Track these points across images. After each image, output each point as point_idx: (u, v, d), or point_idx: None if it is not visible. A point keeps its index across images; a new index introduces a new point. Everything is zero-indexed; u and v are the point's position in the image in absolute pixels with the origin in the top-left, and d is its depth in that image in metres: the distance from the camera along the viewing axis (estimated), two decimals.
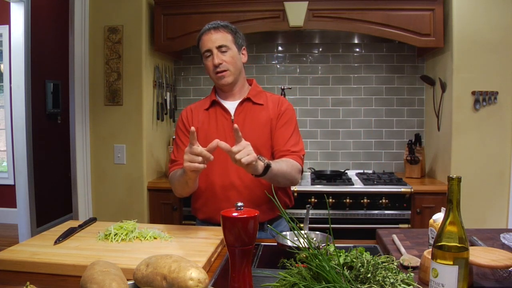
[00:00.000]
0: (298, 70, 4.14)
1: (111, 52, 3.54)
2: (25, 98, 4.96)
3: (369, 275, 1.15)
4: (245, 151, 1.74)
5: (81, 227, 1.93)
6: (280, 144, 2.20)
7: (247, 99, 2.25)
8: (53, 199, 5.54)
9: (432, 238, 1.61)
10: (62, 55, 5.03)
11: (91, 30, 3.56)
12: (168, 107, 3.92)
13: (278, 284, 1.18)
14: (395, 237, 1.79)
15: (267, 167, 1.89)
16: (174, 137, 2.43)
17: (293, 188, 3.23)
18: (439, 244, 1.15)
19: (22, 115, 4.97)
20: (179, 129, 2.31)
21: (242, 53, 2.26)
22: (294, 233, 1.32)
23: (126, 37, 3.53)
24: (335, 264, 1.17)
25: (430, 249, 1.29)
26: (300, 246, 1.24)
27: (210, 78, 2.26)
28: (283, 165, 2.04)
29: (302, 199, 3.27)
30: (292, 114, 2.29)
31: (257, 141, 2.13)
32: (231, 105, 2.25)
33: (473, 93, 3.26)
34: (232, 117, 2.22)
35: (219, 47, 2.15)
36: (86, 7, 3.51)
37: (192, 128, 1.74)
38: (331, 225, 1.30)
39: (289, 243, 1.62)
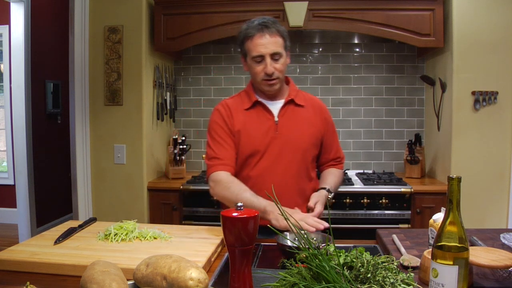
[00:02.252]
0: (298, 70, 4.14)
1: (111, 52, 3.54)
2: (25, 98, 4.96)
3: (369, 275, 1.15)
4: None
5: (81, 227, 1.93)
6: (328, 153, 2.33)
7: (290, 101, 2.20)
8: (53, 199, 5.53)
9: (432, 238, 1.61)
10: (62, 55, 5.03)
11: (91, 30, 3.56)
12: (168, 107, 3.92)
13: (278, 284, 1.18)
14: (395, 237, 1.79)
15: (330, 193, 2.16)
16: (206, 134, 2.38)
17: None
18: (439, 244, 1.15)
19: (22, 115, 4.96)
20: (219, 126, 2.22)
21: (287, 54, 2.17)
22: (300, 233, 1.32)
23: (126, 37, 3.53)
24: (335, 264, 1.17)
25: (430, 249, 1.29)
26: (300, 246, 1.24)
27: (253, 80, 2.19)
28: (335, 180, 2.28)
29: None
30: (331, 118, 2.36)
31: (302, 144, 2.17)
32: (273, 106, 2.19)
33: (473, 93, 3.26)
34: (276, 119, 2.17)
35: (272, 55, 2.06)
36: (86, 7, 3.51)
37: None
38: (331, 225, 1.30)
39: (289, 243, 1.62)
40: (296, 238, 1.54)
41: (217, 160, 2.15)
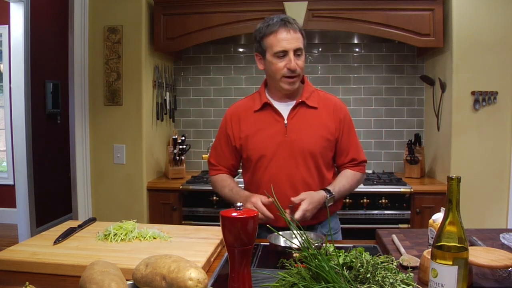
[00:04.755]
0: None
1: (110, 52, 3.53)
2: (24, 98, 4.96)
3: (368, 275, 1.15)
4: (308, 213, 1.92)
5: (81, 227, 1.93)
6: (345, 155, 2.21)
7: (301, 103, 2.14)
8: (52, 199, 5.53)
9: (432, 238, 1.61)
10: (61, 55, 5.03)
11: (91, 30, 3.56)
12: (168, 107, 3.92)
13: (277, 284, 1.18)
14: (394, 237, 1.79)
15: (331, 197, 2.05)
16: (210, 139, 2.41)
17: None
18: (439, 244, 1.15)
19: (22, 115, 4.96)
20: (221, 133, 2.26)
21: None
22: (293, 233, 1.32)
23: (126, 37, 3.53)
24: (334, 264, 1.17)
25: (430, 249, 1.29)
26: (294, 246, 1.24)
27: (271, 78, 2.14)
28: (344, 182, 2.15)
29: None
30: (350, 118, 2.25)
31: (313, 147, 2.10)
32: (284, 108, 2.14)
33: (473, 93, 3.26)
34: (285, 121, 2.12)
35: (296, 50, 2.03)
36: (85, 7, 3.51)
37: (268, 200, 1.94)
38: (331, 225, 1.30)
39: (282, 244, 1.62)
40: (292, 237, 1.54)
41: (212, 166, 2.34)
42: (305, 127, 2.11)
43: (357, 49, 4.06)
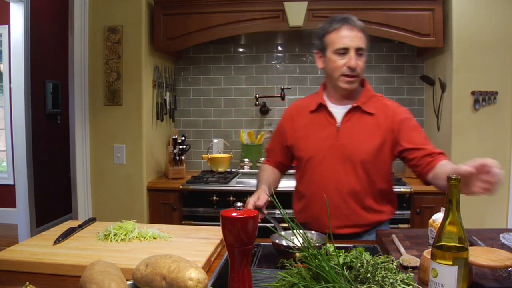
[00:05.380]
0: (297, 70, 4.14)
1: (110, 52, 3.53)
2: (24, 98, 4.96)
3: (368, 275, 1.15)
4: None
5: (81, 227, 1.93)
6: (415, 152, 1.98)
7: (356, 107, 2.06)
8: (52, 199, 5.54)
9: (432, 238, 1.61)
10: (61, 55, 5.04)
11: (91, 30, 3.55)
12: (168, 107, 3.92)
13: (277, 284, 1.18)
14: (394, 237, 1.79)
15: None
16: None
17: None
18: (439, 244, 1.15)
19: (22, 115, 4.97)
20: (277, 129, 2.30)
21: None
22: (294, 233, 1.32)
23: (126, 37, 3.53)
24: (334, 264, 1.17)
25: (430, 249, 1.29)
26: (296, 246, 1.24)
27: (330, 77, 2.08)
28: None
29: None
30: (411, 118, 2.09)
31: (363, 155, 2.01)
32: (338, 111, 2.08)
33: (473, 93, 3.26)
34: (338, 125, 2.06)
35: (358, 49, 1.99)
36: (85, 7, 3.51)
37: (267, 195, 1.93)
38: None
39: (284, 243, 1.62)
40: (293, 237, 1.54)
41: (267, 157, 2.37)
42: (357, 133, 2.04)
43: None
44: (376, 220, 2.08)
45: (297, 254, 1.23)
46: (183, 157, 3.74)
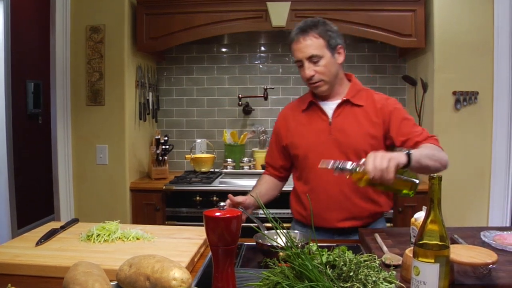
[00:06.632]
0: (280, 70, 4.15)
1: (93, 51, 3.51)
2: (5, 98, 4.90)
3: (351, 273, 1.16)
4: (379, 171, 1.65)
5: (63, 228, 1.91)
6: (409, 143, 2.00)
7: (345, 101, 2.11)
8: (34, 200, 5.48)
9: (414, 236, 1.62)
10: (43, 54, 4.97)
11: (73, 30, 3.52)
12: (151, 107, 3.90)
13: (261, 284, 1.18)
14: (377, 236, 1.80)
15: (408, 154, 1.75)
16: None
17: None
18: (421, 242, 1.16)
19: (3, 115, 4.91)
20: (273, 132, 2.33)
21: (338, 52, 2.08)
22: (277, 232, 1.33)
23: (108, 37, 3.50)
24: (317, 263, 1.17)
25: (412, 248, 1.30)
26: (279, 245, 1.25)
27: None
28: (423, 150, 1.89)
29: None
30: (401, 108, 2.12)
31: (357, 146, 2.05)
32: (328, 107, 2.14)
33: (454, 93, 3.30)
34: (330, 120, 2.11)
35: (309, 58, 2.02)
36: (67, 6, 3.48)
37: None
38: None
39: (268, 242, 1.62)
40: (276, 237, 1.55)
41: (267, 165, 2.37)
42: (349, 125, 2.09)
43: None
44: (375, 211, 2.12)
45: (281, 254, 1.23)
46: (166, 157, 3.73)
